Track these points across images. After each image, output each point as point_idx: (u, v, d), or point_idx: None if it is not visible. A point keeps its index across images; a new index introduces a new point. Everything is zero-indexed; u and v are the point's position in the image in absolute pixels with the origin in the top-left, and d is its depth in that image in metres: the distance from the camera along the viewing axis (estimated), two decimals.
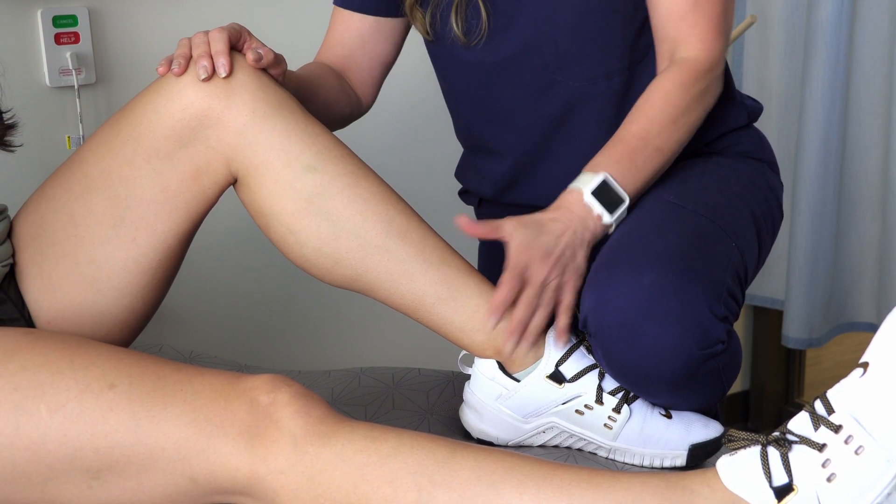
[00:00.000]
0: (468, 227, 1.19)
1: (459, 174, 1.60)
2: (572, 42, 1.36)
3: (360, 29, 1.48)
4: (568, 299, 1.21)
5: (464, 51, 1.41)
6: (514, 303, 1.19)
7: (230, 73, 1.19)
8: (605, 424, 1.21)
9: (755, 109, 1.49)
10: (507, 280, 1.18)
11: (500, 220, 1.20)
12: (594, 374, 1.21)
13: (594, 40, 1.36)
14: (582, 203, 1.20)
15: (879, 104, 2.23)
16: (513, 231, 1.18)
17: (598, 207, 1.20)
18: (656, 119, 1.25)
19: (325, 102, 1.42)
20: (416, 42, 1.52)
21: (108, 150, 1.20)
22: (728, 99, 1.43)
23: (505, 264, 1.19)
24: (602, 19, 1.35)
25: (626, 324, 1.14)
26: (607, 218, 1.21)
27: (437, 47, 1.45)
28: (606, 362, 1.18)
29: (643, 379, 1.16)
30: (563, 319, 1.21)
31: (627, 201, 1.22)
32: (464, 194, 1.64)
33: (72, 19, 1.71)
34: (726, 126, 1.43)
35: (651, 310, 1.13)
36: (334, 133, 1.40)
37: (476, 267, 1.38)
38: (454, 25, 1.38)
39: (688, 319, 1.13)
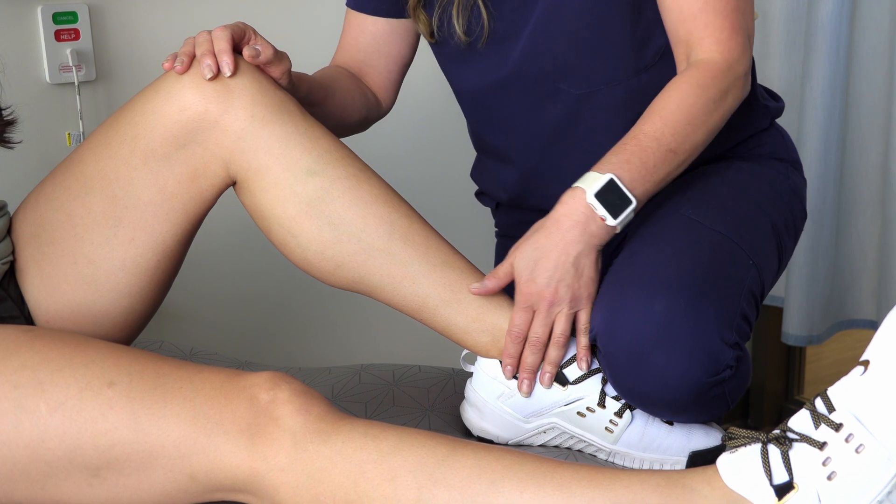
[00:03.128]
0: (481, 290, 1.19)
1: (475, 176, 1.59)
2: (571, 50, 1.34)
3: (375, 31, 1.48)
4: (584, 318, 1.19)
5: (467, 55, 1.41)
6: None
7: (235, 72, 1.18)
8: (606, 428, 1.21)
9: (777, 110, 1.46)
10: (512, 330, 1.19)
11: (506, 254, 1.20)
12: (598, 377, 1.20)
13: (593, 48, 1.34)
14: (584, 205, 1.16)
15: (880, 101, 2.23)
16: (516, 263, 1.18)
17: (601, 210, 1.16)
18: (671, 119, 1.20)
19: (341, 105, 1.41)
20: None
21: (105, 150, 1.20)
22: (751, 102, 1.40)
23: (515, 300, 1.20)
24: (601, 28, 1.33)
25: (635, 350, 1.13)
26: (611, 221, 1.16)
27: (442, 51, 1.45)
28: (613, 381, 1.18)
29: (649, 402, 1.16)
30: (583, 338, 1.20)
31: (634, 203, 1.17)
32: (480, 196, 1.62)
33: (72, 16, 1.70)
34: (749, 130, 1.41)
35: (660, 338, 1.12)
36: (339, 136, 1.40)
37: (480, 266, 1.37)
38: (456, 24, 1.37)
39: (697, 349, 1.12)
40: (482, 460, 0.99)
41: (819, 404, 0.95)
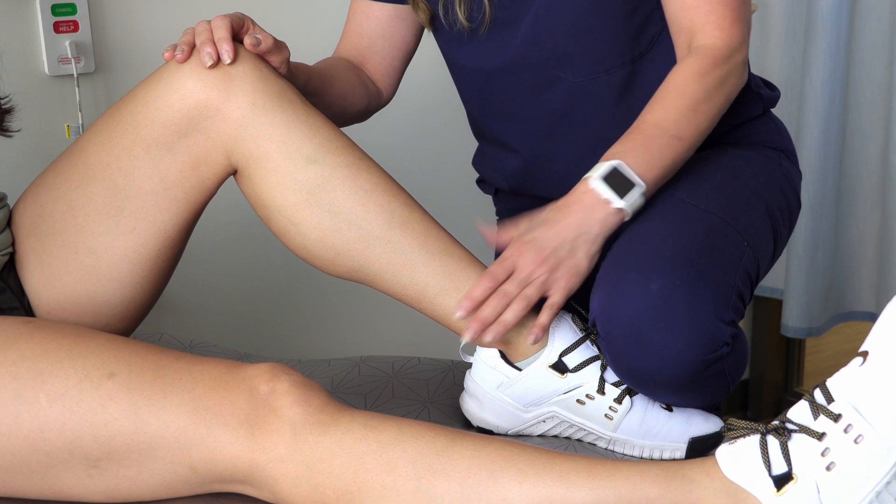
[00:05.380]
0: (490, 235, 1.19)
1: (476, 163, 1.60)
2: (571, 39, 1.35)
3: (380, 18, 1.48)
4: (556, 297, 1.18)
5: (469, 41, 1.41)
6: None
7: (234, 59, 1.18)
8: (605, 415, 1.21)
9: (771, 99, 1.47)
10: (488, 273, 1.17)
11: (517, 219, 1.21)
12: (597, 364, 1.21)
13: (593, 37, 1.35)
14: (589, 189, 1.18)
15: (879, 93, 2.23)
16: (521, 223, 1.20)
17: (606, 192, 1.18)
18: (672, 107, 1.23)
19: (341, 94, 1.41)
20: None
21: (107, 140, 1.20)
22: (744, 89, 1.41)
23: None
24: (600, 16, 1.34)
25: (634, 330, 1.13)
26: (618, 202, 1.18)
27: (444, 37, 1.45)
28: (613, 364, 1.18)
29: (649, 382, 1.16)
30: (544, 316, 1.18)
31: (642, 186, 1.19)
32: (480, 183, 1.63)
33: (71, 8, 1.70)
34: (741, 117, 1.42)
35: (658, 317, 1.12)
36: (340, 125, 1.40)
37: (479, 255, 1.37)
38: (458, 11, 1.38)
39: (695, 327, 1.13)
40: (482, 451, 0.99)
41: (818, 395, 0.95)
